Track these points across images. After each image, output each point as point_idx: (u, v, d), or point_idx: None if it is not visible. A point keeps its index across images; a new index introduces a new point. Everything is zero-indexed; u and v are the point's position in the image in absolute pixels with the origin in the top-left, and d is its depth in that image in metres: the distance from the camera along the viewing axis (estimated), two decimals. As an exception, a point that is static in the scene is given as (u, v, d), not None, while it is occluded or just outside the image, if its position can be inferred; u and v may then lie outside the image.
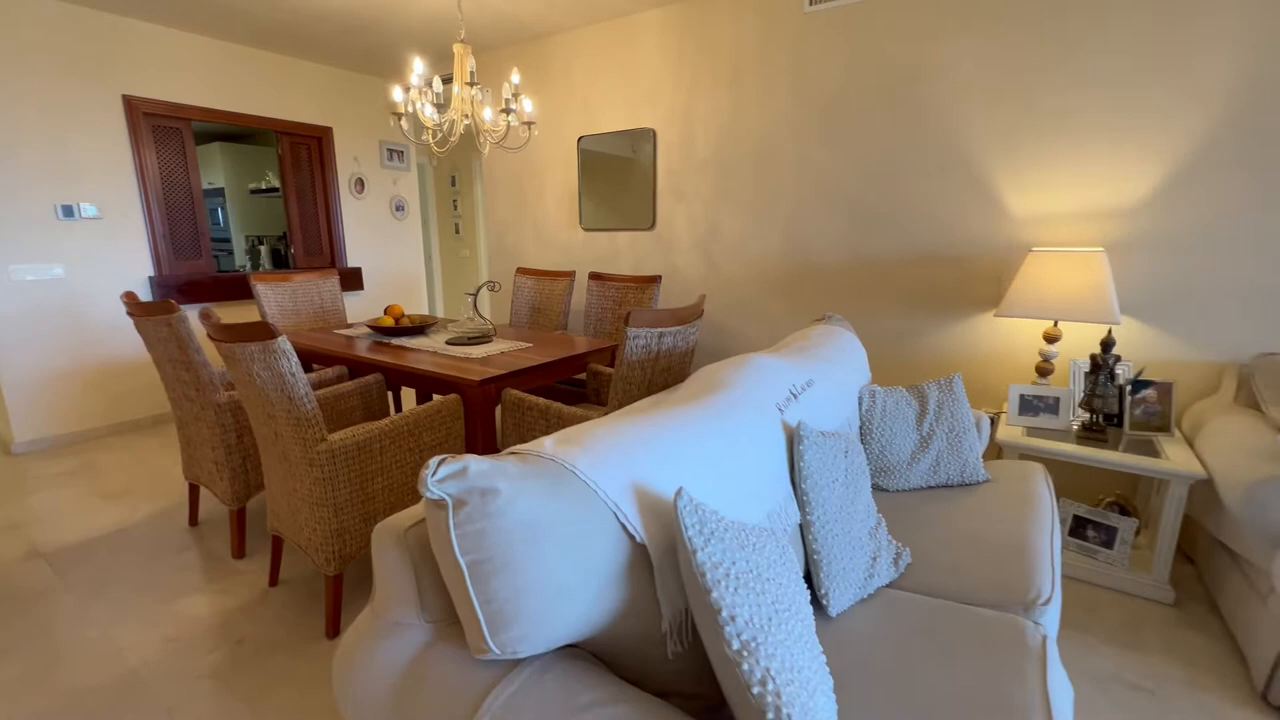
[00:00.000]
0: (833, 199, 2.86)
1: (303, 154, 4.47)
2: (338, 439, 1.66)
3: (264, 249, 5.82)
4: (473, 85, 2.46)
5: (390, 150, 5.01)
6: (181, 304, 3.79)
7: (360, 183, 4.82)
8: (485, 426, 2.06)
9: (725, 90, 3.10)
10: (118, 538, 2.36)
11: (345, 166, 4.72)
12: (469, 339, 2.63)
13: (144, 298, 3.70)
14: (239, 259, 5.87)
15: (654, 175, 3.46)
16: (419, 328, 2.81)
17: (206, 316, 1.68)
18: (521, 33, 3.68)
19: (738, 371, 1.44)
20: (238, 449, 2.11)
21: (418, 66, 2.38)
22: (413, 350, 2.49)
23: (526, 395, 2.03)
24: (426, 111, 2.48)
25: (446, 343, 2.59)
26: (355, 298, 4.86)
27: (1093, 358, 2.07)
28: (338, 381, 2.44)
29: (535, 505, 0.77)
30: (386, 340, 2.73)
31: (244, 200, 5.82)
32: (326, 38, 3.79)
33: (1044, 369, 2.30)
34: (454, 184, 6.25)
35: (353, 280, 4.78)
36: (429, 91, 2.42)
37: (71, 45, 3.26)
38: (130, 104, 3.49)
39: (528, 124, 2.69)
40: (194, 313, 3.90)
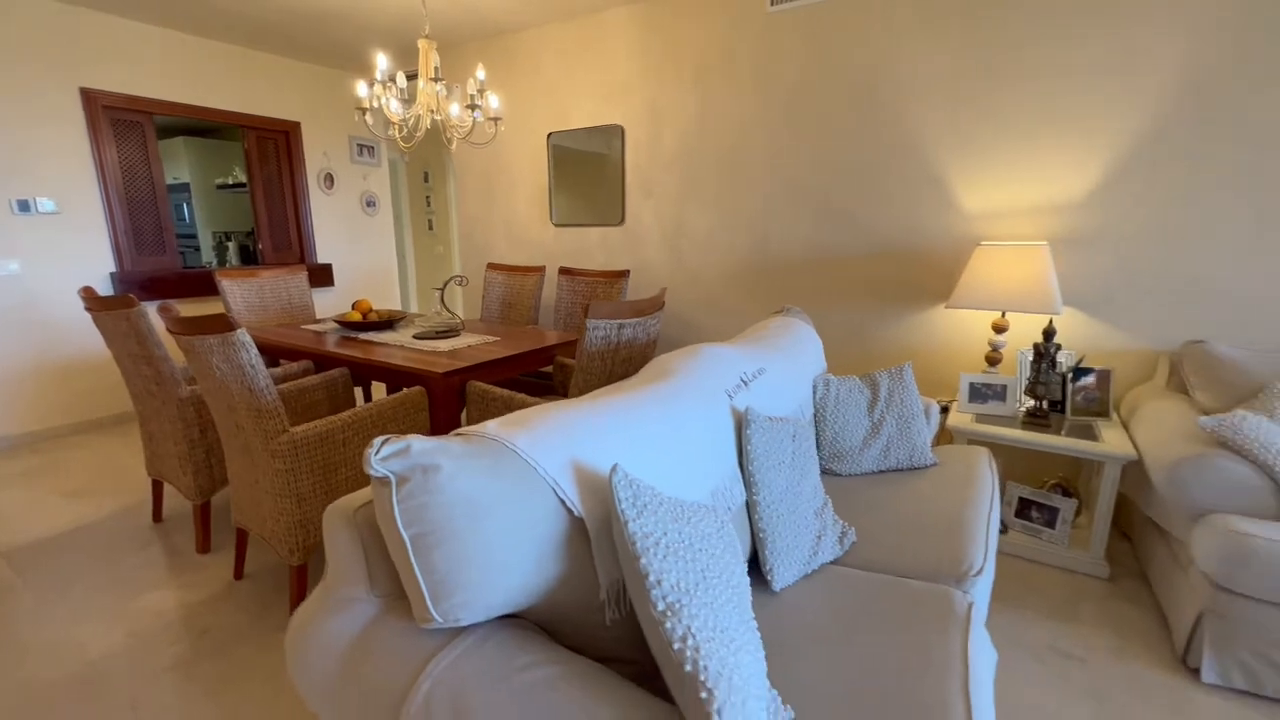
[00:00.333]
0: (796, 195, 2.94)
1: (270, 149, 4.42)
2: (300, 430, 1.67)
3: (232, 245, 5.74)
4: (437, 81, 2.48)
5: (360, 145, 4.98)
6: (145, 300, 3.73)
7: (330, 178, 4.78)
8: (450, 418, 2.08)
9: (691, 88, 3.15)
10: (79, 535, 2.33)
11: (314, 162, 4.67)
12: (436, 333, 2.65)
13: (106, 294, 3.64)
14: (206, 255, 5.77)
15: (623, 171, 3.50)
16: (387, 322, 2.82)
17: (166, 310, 1.68)
18: (490, 28, 3.69)
19: (689, 360, 1.49)
20: (201, 443, 2.11)
21: (381, 62, 2.39)
22: (380, 345, 2.50)
23: (490, 387, 2.06)
24: (392, 106, 2.49)
25: (414, 337, 2.61)
26: (326, 294, 4.82)
27: (1035, 347, 2.17)
28: (303, 376, 2.45)
29: (476, 481, 0.81)
30: (354, 335, 2.73)
31: (210, 196, 5.73)
32: (292, 31, 3.76)
33: (993, 358, 2.40)
34: (427, 180, 6.21)
35: (323, 276, 4.74)
36: (393, 87, 2.43)
37: (25, 35, 3.19)
38: (89, 97, 3.42)
39: (494, 120, 2.71)
40: (155, 307, 3.85)
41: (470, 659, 0.80)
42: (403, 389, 2.08)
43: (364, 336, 2.68)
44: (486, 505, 0.80)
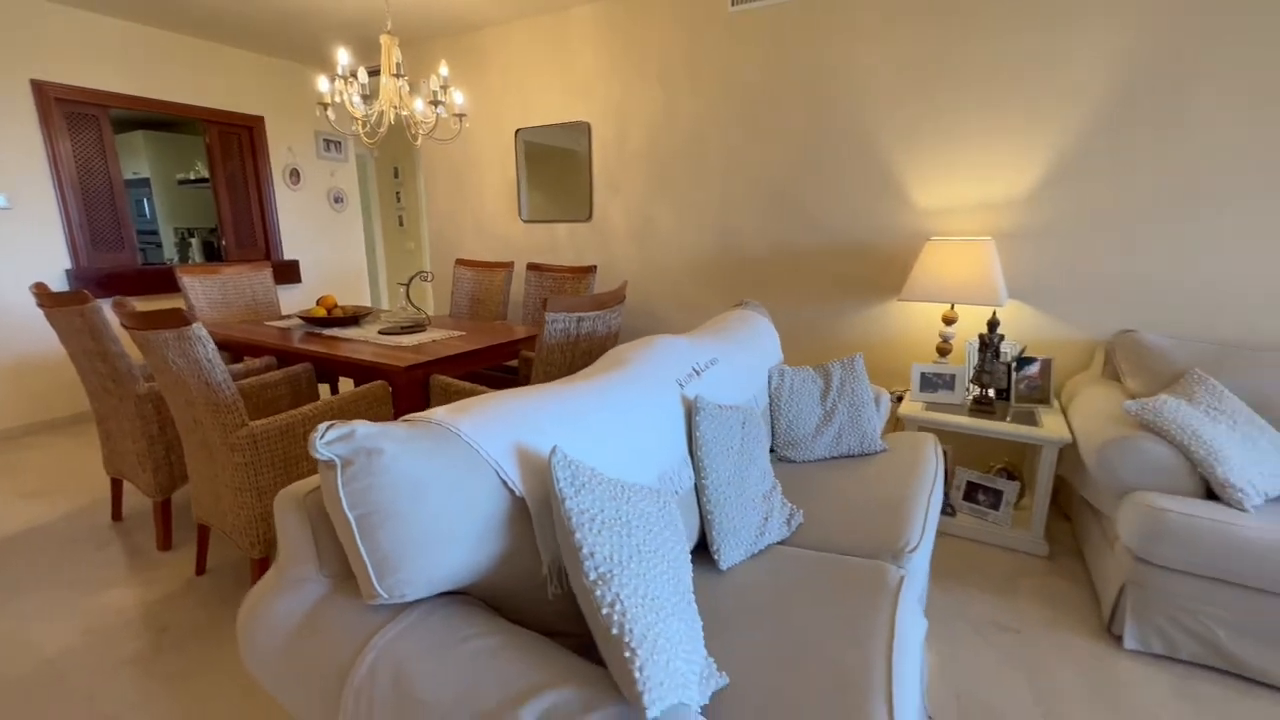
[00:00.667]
0: (759, 192, 3.01)
1: (233, 143, 4.35)
2: (259, 424, 1.68)
3: (195, 242, 5.62)
4: (399, 77, 2.49)
5: (327, 141, 4.92)
6: (103, 298, 3.66)
7: (295, 174, 4.72)
8: (413, 411, 2.10)
9: (656, 85, 3.20)
10: (36, 536, 2.30)
11: (279, 157, 4.61)
12: (402, 328, 2.66)
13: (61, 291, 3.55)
14: (168, 252, 5.65)
15: (590, 168, 3.54)
16: (352, 318, 2.82)
17: (120, 305, 1.68)
18: (455, 25, 3.69)
19: (643, 350, 1.54)
20: (160, 440, 2.10)
21: (342, 57, 2.39)
22: (345, 340, 2.51)
23: (454, 380, 2.09)
24: (355, 102, 2.49)
25: (379, 332, 2.62)
26: (293, 291, 4.77)
27: (980, 337, 2.27)
28: (266, 372, 2.44)
29: (419, 464, 0.85)
30: (319, 331, 2.73)
31: (172, 191, 5.60)
32: (253, 25, 3.71)
33: (943, 349, 2.50)
34: (397, 176, 6.16)
35: (289, 273, 4.69)
36: (355, 82, 2.43)
37: (-28, 26, 3.10)
38: (40, 89, 3.34)
39: (459, 116, 2.72)
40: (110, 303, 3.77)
41: (415, 631, 0.84)
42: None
43: (329, 332, 2.68)
44: (429, 486, 0.84)
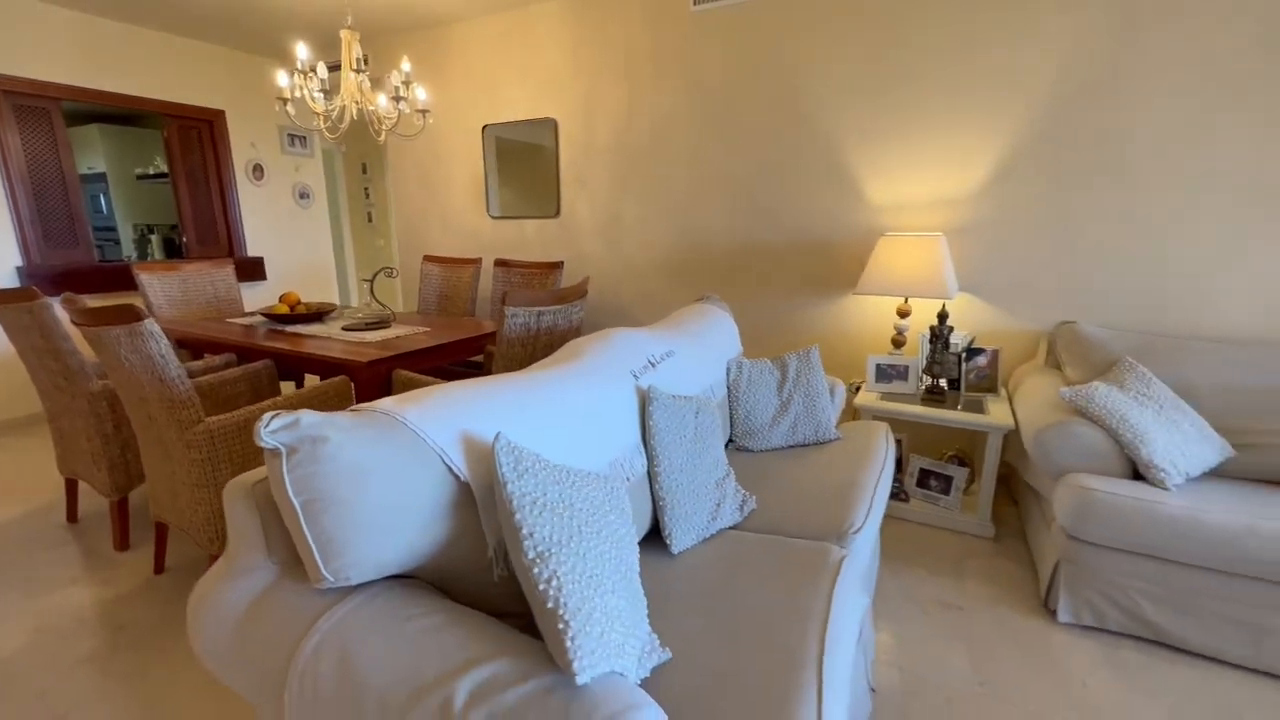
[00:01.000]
0: (722, 189, 3.06)
1: (193, 138, 4.26)
2: (216, 421, 1.68)
3: (155, 238, 5.49)
4: (360, 72, 2.48)
5: (291, 136, 4.85)
6: (57, 295, 3.56)
7: (259, 169, 4.64)
8: (377, 407, 2.11)
9: (622, 82, 3.23)
10: (-14, 539, 2.25)
11: (242, 152, 4.53)
12: (366, 325, 2.65)
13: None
14: (126, 249, 5.51)
15: (557, 164, 3.55)
16: (316, 315, 2.80)
17: (70, 301, 1.66)
18: (420, 20, 3.67)
19: (599, 343, 1.58)
20: (115, 438, 2.07)
21: (301, 51, 2.37)
22: (307, 337, 2.50)
23: (416, 375, 2.10)
24: (316, 97, 2.47)
25: (343, 329, 2.61)
26: (257, 288, 4.69)
27: (931, 329, 2.35)
28: (225, 368, 2.42)
29: (364, 451, 0.87)
30: (281, 328, 2.71)
31: (130, 186, 5.46)
32: (212, 17, 3.64)
33: (898, 341, 2.58)
34: (365, 171, 6.09)
35: (253, 270, 4.61)
36: (314, 78, 2.41)
37: (-88, 15, 3.00)
38: (-14, 81, 3.24)
39: (422, 112, 2.72)
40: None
41: (360, 613, 0.86)
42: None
43: (291, 329, 2.66)
44: (373, 472, 0.87)
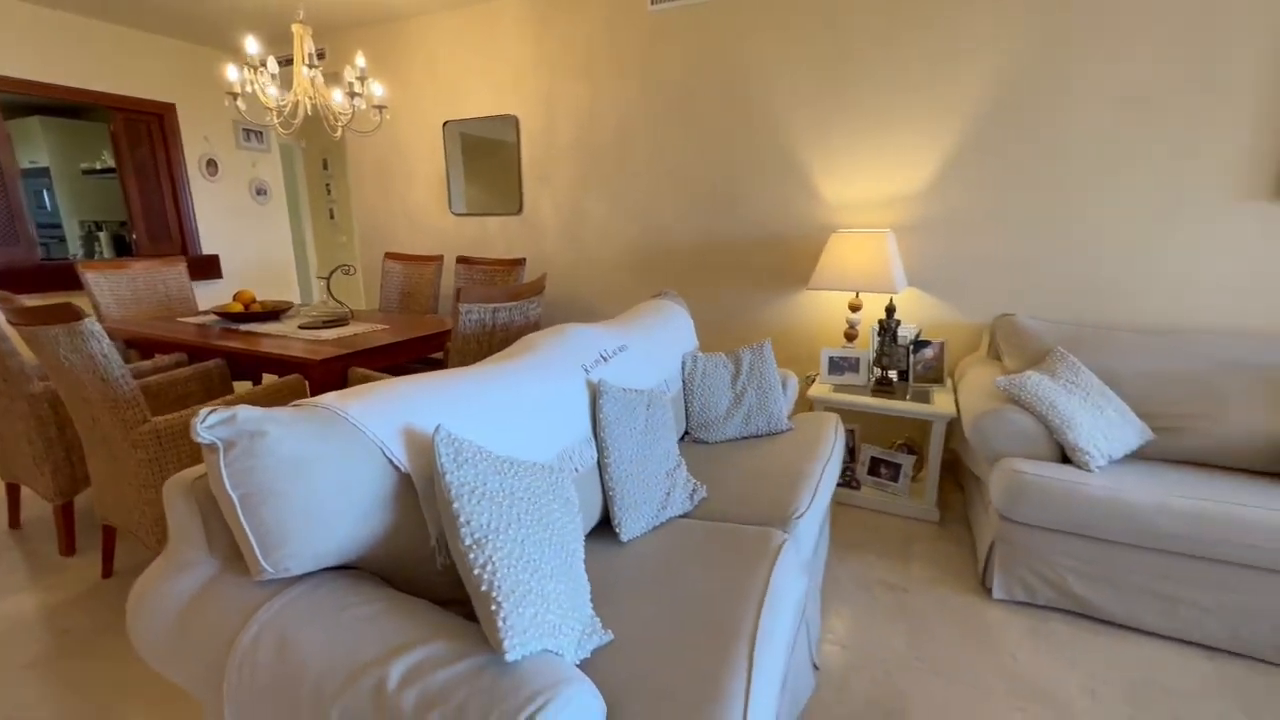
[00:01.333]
0: (682, 186, 3.11)
1: (141, 131, 4.13)
2: (162, 420, 1.66)
3: (104, 236, 5.30)
4: (313, 67, 2.45)
5: (247, 130, 4.73)
6: (-4, 296, 3.43)
7: (213, 164, 4.52)
8: (333, 405, 2.10)
9: (583, 79, 3.25)
10: (-79, 547, 2.17)
11: (194, 146, 4.41)
12: (324, 323, 2.63)
13: (-53, 289, 3.31)
14: (73, 247, 5.31)
15: (519, 161, 3.56)
16: (272, 313, 2.76)
17: (5, 300, 1.62)
18: (377, 14, 3.63)
19: (553, 338, 1.61)
20: (59, 441, 2.02)
21: (250, 45, 2.33)
22: (262, 335, 2.46)
23: (372, 373, 2.09)
24: (269, 91, 2.44)
25: (299, 327, 2.58)
26: (213, 287, 4.57)
27: (880, 322, 2.44)
28: (175, 368, 2.37)
29: (302, 445, 0.89)
30: (236, 326, 2.67)
31: (75, 182, 5.26)
32: (161, 8, 3.53)
33: (850, 334, 2.67)
34: (326, 167, 5.98)
35: (208, 268, 4.49)
36: (265, 72, 2.38)
37: None
38: (-85, 71, 3.09)
39: (379, 108, 2.70)
40: (14, 305, 3.54)
41: (301, 602, 0.88)
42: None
43: (246, 328, 2.62)
44: (312, 465, 0.89)
